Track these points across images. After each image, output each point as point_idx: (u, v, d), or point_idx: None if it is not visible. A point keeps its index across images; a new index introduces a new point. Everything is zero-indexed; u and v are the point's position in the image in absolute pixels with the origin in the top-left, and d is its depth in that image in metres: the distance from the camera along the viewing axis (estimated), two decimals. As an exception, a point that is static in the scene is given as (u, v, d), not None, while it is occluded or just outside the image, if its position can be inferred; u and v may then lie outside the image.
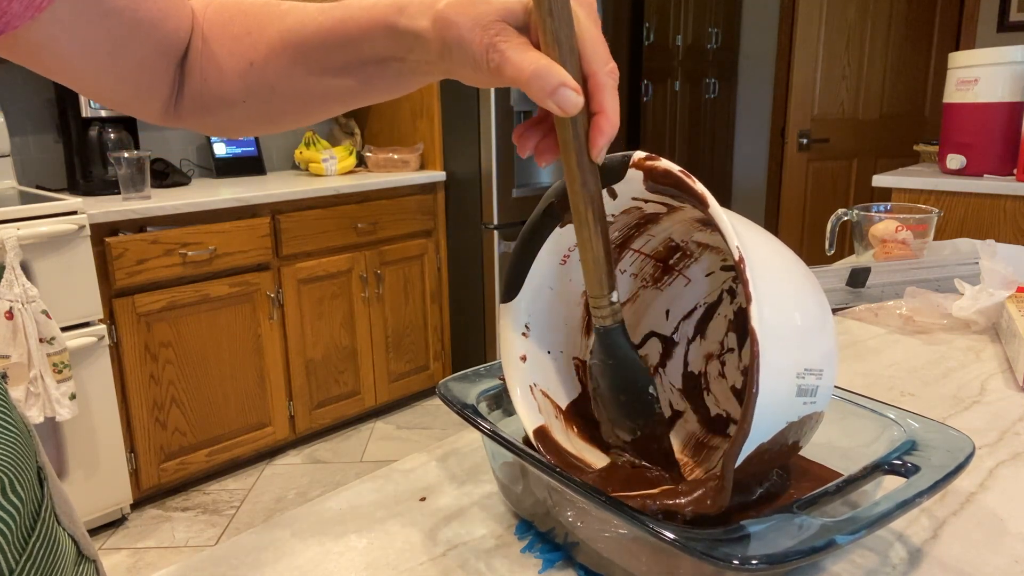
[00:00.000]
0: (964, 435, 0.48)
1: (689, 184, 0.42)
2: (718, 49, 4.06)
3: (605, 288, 0.45)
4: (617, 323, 0.46)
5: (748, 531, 0.38)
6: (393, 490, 0.59)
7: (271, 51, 0.48)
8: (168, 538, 2.08)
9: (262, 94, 0.50)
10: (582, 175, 0.41)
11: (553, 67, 0.38)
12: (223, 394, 2.31)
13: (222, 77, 0.50)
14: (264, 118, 0.52)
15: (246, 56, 0.49)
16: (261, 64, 0.48)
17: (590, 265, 0.44)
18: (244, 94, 0.50)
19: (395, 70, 0.46)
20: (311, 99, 0.49)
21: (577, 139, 0.40)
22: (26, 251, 1.80)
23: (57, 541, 0.42)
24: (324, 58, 0.46)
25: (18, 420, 0.42)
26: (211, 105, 0.52)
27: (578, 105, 0.38)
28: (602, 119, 0.40)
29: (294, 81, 0.48)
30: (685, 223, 0.53)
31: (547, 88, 0.37)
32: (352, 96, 0.49)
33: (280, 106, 0.50)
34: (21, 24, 0.42)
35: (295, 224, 2.39)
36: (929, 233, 1.20)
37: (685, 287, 0.59)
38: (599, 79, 0.40)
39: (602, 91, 0.40)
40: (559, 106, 0.38)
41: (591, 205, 0.42)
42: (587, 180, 0.42)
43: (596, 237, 0.43)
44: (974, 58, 2.12)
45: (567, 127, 0.40)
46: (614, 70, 0.40)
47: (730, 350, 0.58)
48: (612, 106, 0.40)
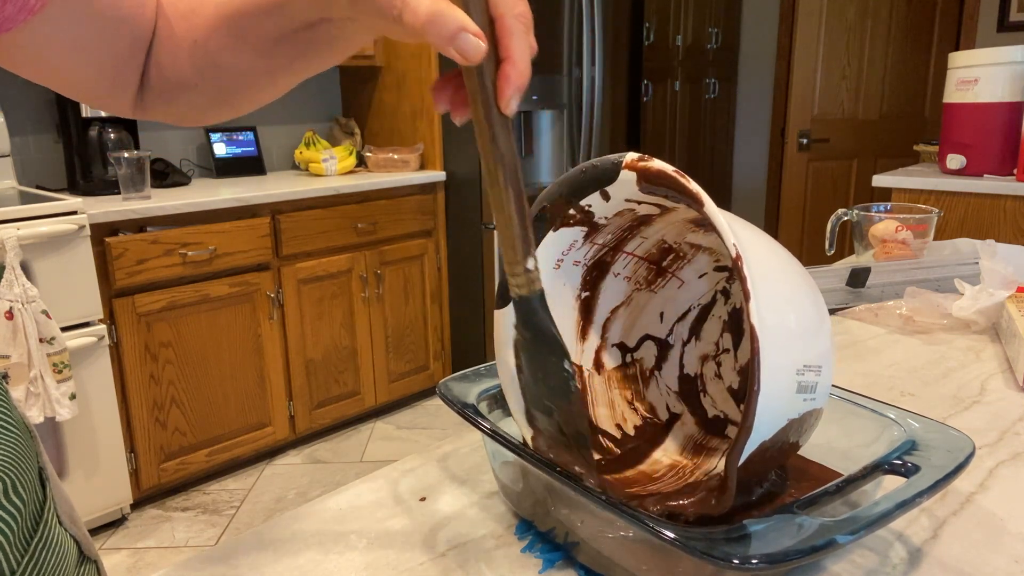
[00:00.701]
0: (964, 435, 0.48)
1: (684, 184, 0.42)
2: (718, 49, 4.06)
3: (519, 253, 0.42)
4: (534, 292, 0.43)
5: (748, 531, 0.38)
6: (393, 490, 0.59)
7: (210, 27, 0.47)
8: (168, 538, 2.08)
9: (210, 73, 0.49)
10: (491, 129, 0.38)
11: (451, 10, 0.35)
12: (223, 394, 2.31)
13: (174, 60, 0.50)
14: (219, 100, 0.51)
15: (190, 35, 0.48)
16: (203, 41, 0.48)
17: (503, 228, 0.41)
18: (195, 76, 0.49)
19: (326, 33, 0.44)
20: (256, 74, 0.48)
21: (484, 90, 0.37)
22: (26, 251, 1.80)
23: (59, 542, 0.42)
24: (256, 28, 0.45)
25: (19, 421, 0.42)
26: (170, 91, 0.51)
27: (480, 51, 0.35)
28: (509, 67, 0.37)
29: (236, 56, 0.47)
30: (678, 224, 0.53)
31: (444, 33, 0.35)
32: (295, 66, 0.48)
33: (230, 84, 0.50)
34: (14, 26, 0.42)
35: (295, 224, 2.39)
36: (929, 233, 1.20)
37: (679, 289, 0.59)
38: (506, 23, 0.37)
39: (509, 36, 0.37)
40: (459, 53, 0.35)
41: (501, 162, 0.39)
42: (497, 134, 0.38)
43: (508, 197, 0.40)
44: (974, 58, 2.12)
45: (473, 77, 0.37)
46: (524, 13, 0.37)
47: (725, 351, 0.58)
48: (520, 53, 0.37)
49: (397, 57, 2.84)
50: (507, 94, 0.37)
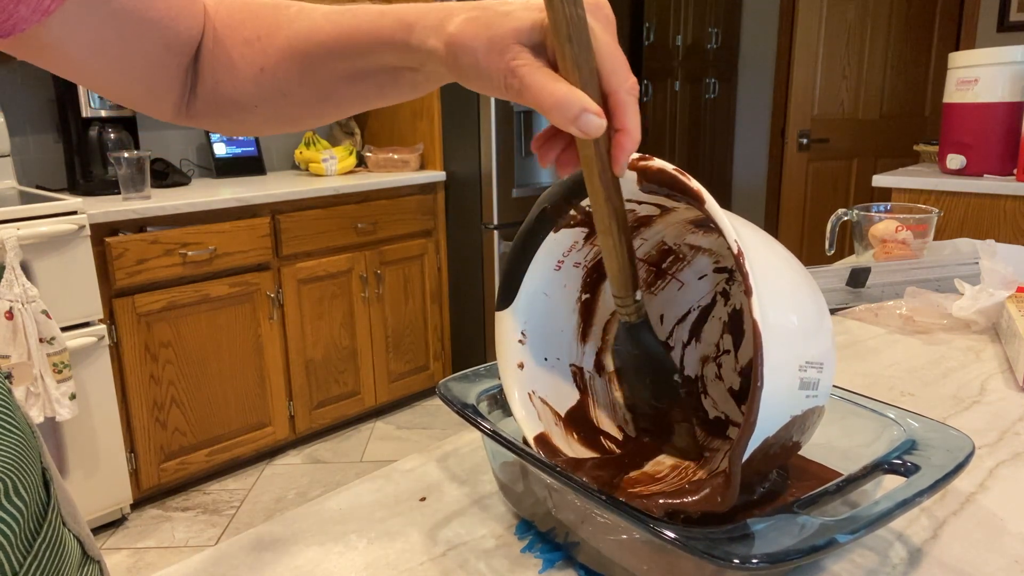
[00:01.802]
0: (964, 435, 0.48)
1: (684, 182, 0.42)
2: (718, 49, 4.06)
3: (630, 289, 0.47)
4: (642, 318, 0.49)
5: (748, 530, 0.38)
6: (393, 490, 0.59)
7: (281, 57, 0.48)
8: (168, 538, 2.08)
9: (274, 99, 0.49)
10: (606, 191, 0.42)
11: (574, 94, 0.37)
12: (223, 394, 2.31)
13: (234, 81, 0.50)
14: (279, 121, 0.52)
15: (256, 62, 0.49)
16: (271, 70, 0.48)
17: (616, 271, 0.46)
18: (256, 99, 0.50)
19: (409, 79, 0.46)
20: (325, 104, 0.49)
21: (600, 157, 0.41)
22: (26, 251, 1.80)
23: (63, 542, 0.42)
24: (333, 67, 0.46)
25: (22, 422, 0.42)
26: (224, 107, 0.52)
27: (601, 128, 0.38)
28: (623, 137, 0.40)
29: (305, 88, 0.48)
30: (678, 225, 0.53)
31: (569, 116, 0.37)
32: (366, 101, 0.49)
33: (294, 111, 0.50)
34: (29, 27, 0.42)
35: (295, 224, 2.39)
36: (929, 233, 1.20)
37: (678, 291, 0.59)
38: (620, 97, 0.39)
39: (623, 109, 0.39)
40: (582, 131, 0.38)
41: (615, 217, 0.43)
42: (611, 195, 0.42)
43: (621, 246, 0.44)
44: (974, 58, 2.12)
45: (589, 146, 0.40)
46: (634, 87, 0.40)
47: (726, 352, 0.58)
48: (633, 123, 0.40)
49: (397, 57, 2.84)
50: (621, 161, 0.40)
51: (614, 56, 0.39)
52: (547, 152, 0.43)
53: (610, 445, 0.55)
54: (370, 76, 0.46)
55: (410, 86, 0.47)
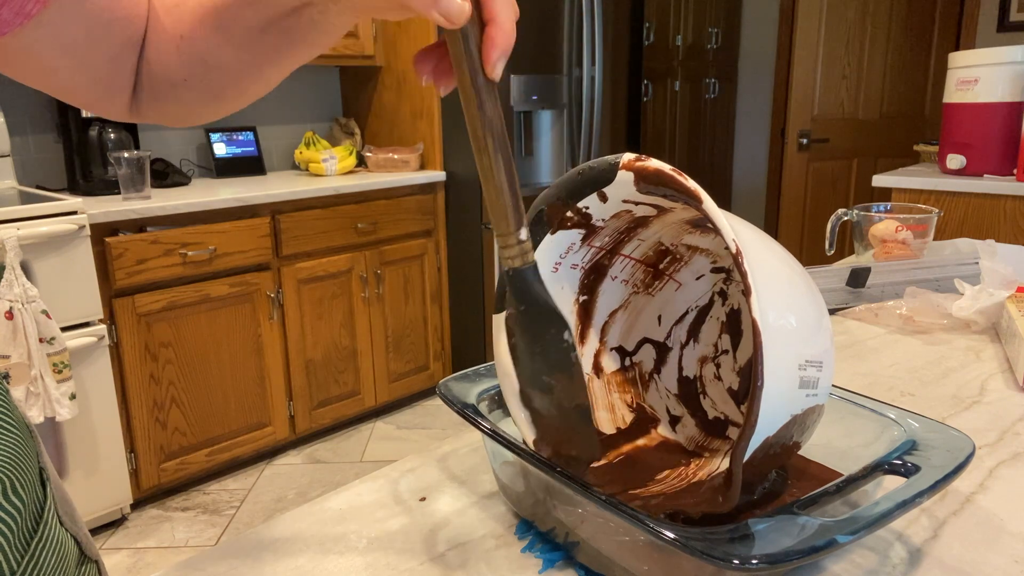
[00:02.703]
0: (964, 435, 0.48)
1: (681, 182, 0.42)
2: (718, 49, 4.06)
3: (512, 224, 0.41)
4: (528, 264, 0.42)
5: (748, 530, 0.38)
6: (393, 490, 0.59)
7: (194, 21, 0.47)
8: (168, 538, 2.08)
9: (198, 69, 0.49)
10: (478, 96, 0.37)
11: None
12: (223, 394, 2.31)
13: (160, 56, 0.49)
14: (209, 96, 0.51)
15: (176, 30, 0.48)
16: (189, 36, 0.47)
17: (493, 197, 0.40)
18: (183, 71, 0.49)
19: (308, 19, 0.44)
20: (243, 68, 0.48)
21: (469, 55, 0.37)
22: (26, 251, 1.80)
23: (60, 542, 0.42)
24: (239, 19, 0.45)
25: (20, 421, 0.42)
26: (159, 89, 0.51)
27: (463, 13, 0.34)
28: (494, 29, 0.36)
29: (221, 50, 0.47)
30: (675, 226, 0.53)
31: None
32: (280, 56, 0.47)
33: (217, 79, 0.49)
34: (9, 31, 0.42)
35: (295, 224, 2.39)
36: (929, 233, 1.20)
37: (676, 292, 0.59)
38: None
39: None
40: (443, 16, 0.34)
41: (489, 128, 0.38)
42: (483, 100, 0.38)
43: (497, 165, 0.39)
44: (974, 58, 2.12)
45: (458, 42, 0.36)
46: None
47: (724, 352, 0.58)
48: (505, 14, 0.36)
49: (397, 57, 2.84)
50: (493, 57, 0.36)
51: None
52: (423, 65, 0.40)
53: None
54: (273, 24, 0.45)
55: (312, 28, 0.45)
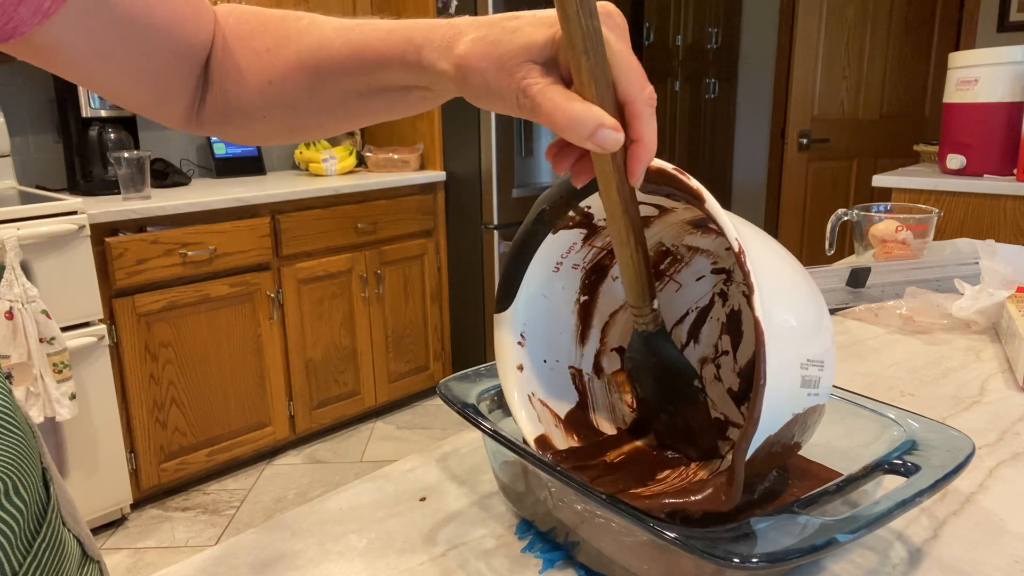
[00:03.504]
0: (964, 435, 0.48)
1: (684, 181, 0.42)
2: (718, 49, 4.06)
3: (647, 299, 0.47)
4: (659, 327, 0.48)
5: (748, 530, 0.38)
6: (393, 490, 0.59)
7: (289, 70, 0.47)
8: (168, 538, 2.08)
9: (282, 112, 0.49)
10: (623, 202, 0.41)
11: (589, 111, 0.36)
12: (223, 394, 2.31)
13: (241, 91, 0.50)
14: (287, 132, 0.52)
15: (264, 74, 0.48)
16: (279, 83, 0.48)
17: (633, 280, 0.46)
18: (263, 110, 0.50)
19: (419, 96, 0.45)
20: (334, 117, 0.49)
21: (617, 169, 0.40)
22: (26, 251, 1.80)
23: (63, 543, 0.42)
24: (343, 83, 0.46)
25: (22, 421, 0.42)
26: (232, 116, 0.52)
27: (618, 144, 0.37)
28: (639, 148, 0.39)
29: (315, 101, 0.48)
30: (676, 226, 0.53)
31: (584, 133, 0.36)
32: (376, 115, 0.48)
33: (301, 122, 0.50)
34: (29, 29, 0.42)
35: (295, 224, 2.39)
36: (929, 233, 1.20)
37: (676, 292, 0.59)
38: (636, 108, 0.38)
39: (639, 120, 0.38)
40: (599, 146, 0.37)
41: (632, 228, 0.43)
42: (628, 206, 0.42)
43: (638, 256, 0.44)
44: (974, 58, 2.12)
45: (606, 160, 0.40)
46: (651, 96, 0.39)
47: (724, 353, 0.58)
48: (649, 134, 0.39)
49: (397, 57, 2.84)
50: (637, 172, 0.40)
51: (630, 66, 0.38)
52: (562, 161, 0.43)
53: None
54: (380, 93, 0.46)
55: (421, 102, 0.46)
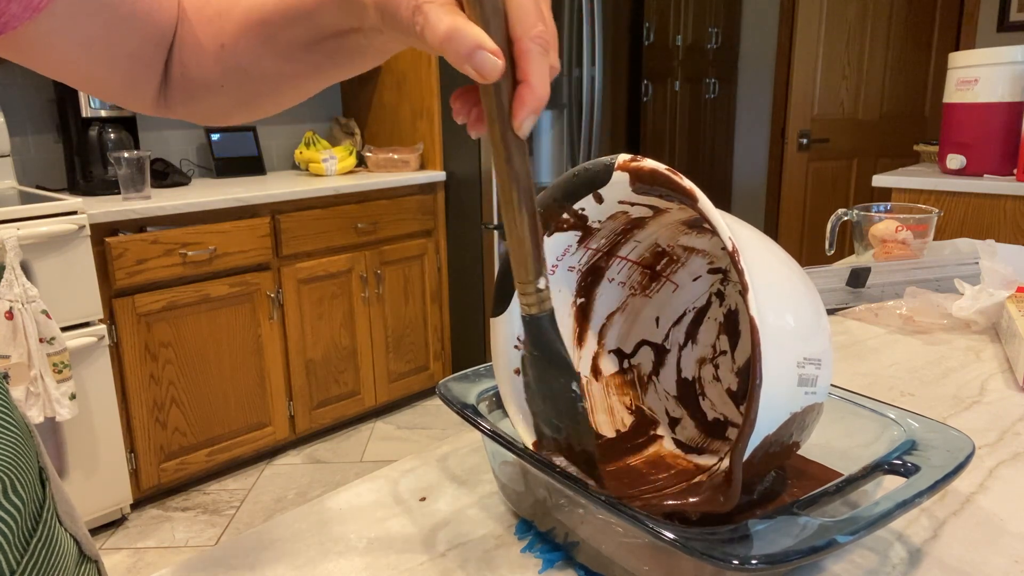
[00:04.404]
0: (964, 435, 0.48)
1: (677, 181, 0.42)
2: (718, 49, 4.06)
3: (531, 273, 0.42)
4: (544, 312, 0.44)
5: (748, 531, 0.38)
6: (393, 490, 0.59)
7: (238, 31, 0.47)
8: (168, 538, 2.08)
9: (236, 77, 0.49)
10: (506, 150, 0.38)
11: (469, 27, 0.34)
12: (223, 394, 2.31)
13: (199, 61, 0.50)
14: (244, 102, 0.52)
15: (217, 38, 0.49)
16: (231, 45, 0.48)
17: (515, 248, 0.41)
18: (221, 77, 0.50)
19: (355, 42, 0.44)
20: (283, 79, 0.49)
21: (501, 110, 0.37)
22: (26, 251, 1.80)
23: (59, 541, 0.42)
24: (286, 34, 0.46)
25: (20, 421, 0.42)
26: (194, 91, 0.52)
27: (496, 69, 0.35)
28: (525, 89, 0.36)
29: (263, 62, 0.47)
30: (671, 226, 0.53)
31: (461, 51, 0.34)
32: (322, 72, 0.48)
33: (256, 88, 0.50)
34: (20, 24, 0.43)
35: (295, 224, 2.39)
36: (929, 233, 1.19)
37: (673, 293, 0.59)
38: (523, 44, 0.36)
39: (526, 57, 0.36)
40: (476, 70, 0.35)
41: (515, 182, 0.39)
42: (511, 155, 0.38)
43: (521, 217, 0.40)
44: (974, 58, 2.12)
45: (490, 96, 0.37)
46: (542, 34, 0.36)
47: (722, 353, 0.58)
48: (538, 75, 0.36)
49: (397, 57, 2.84)
50: (521, 116, 0.37)
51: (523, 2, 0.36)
52: (462, 106, 0.40)
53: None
54: (320, 43, 0.45)
55: (357, 51, 0.45)
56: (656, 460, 0.54)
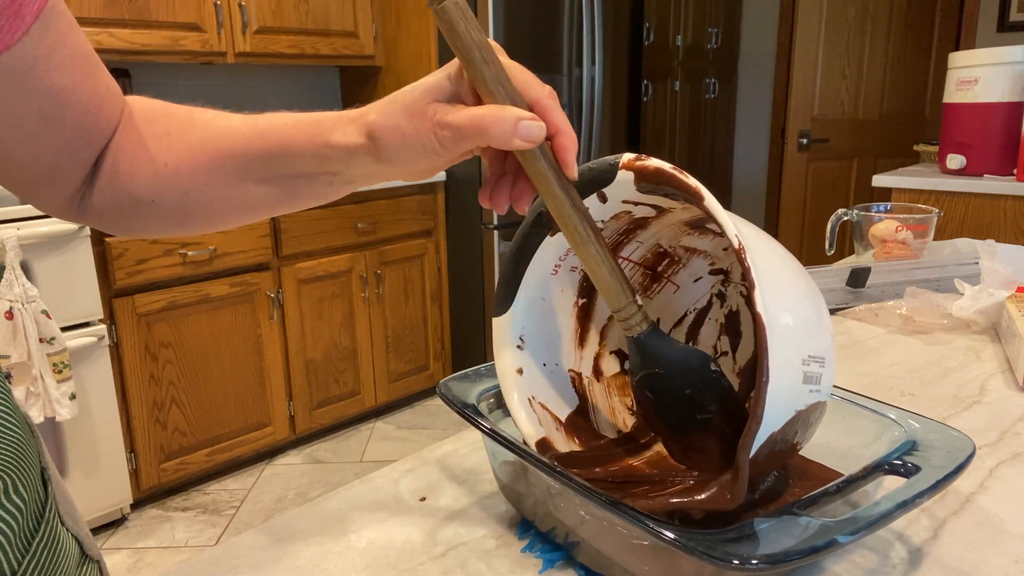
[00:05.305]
0: (964, 435, 0.48)
1: (682, 179, 0.42)
2: (718, 49, 4.06)
3: (628, 296, 0.44)
4: (651, 326, 0.46)
5: (748, 531, 0.38)
6: (393, 490, 0.59)
7: (189, 155, 0.46)
8: (168, 538, 2.08)
9: (173, 195, 0.48)
10: (568, 197, 0.42)
11: (507, 108, 0.39)
12: (223, 394, 2.31)
13: (134, 171, 0.48)
14: (172, 220, 0.50)
15: (161, 156, 0.47)
16: (175, 165, 0.47)
17: (606, 279, 0.44)
18: (155, 192, 0.48)
19: (326, 182, 0.45)
20: (226, 205, 0.48)
21: (550, 166, 0.41)
22: (26, 251, 1.80)
23: (60, 542, 0.42)
24: (244, 169, 0.45)
25: (21, 420, 0.42)
26: (120, 199, 0.49)
27: (543, 129, 0.39)
28: (563, 138, 0.41)
29: (211, 189, 0.47)
30: (673, 227, 0.53)
31: (508, 128, 0.38)
32: (273, 206, 0.48)
33: (191, 210, 0.48)
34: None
35: (295, 224, 2.39)
36: (929, 233, 1.20)
37: (674, 294, 0.59)
38: (543, 103, 0.40)
39: (550, 113, 0.40)
40: (526, 138, 0.39)
41: (586, 221, 0.42)
42: (574, 200, 0.42)
43: (603, 250, 0.43)
44: (974, 58, 2.12)
45: (536, 159, 0.41)
46: (551, 91, 0.41)
47: (723, 354, 0.58)
48: (564, 123, 0.41)
49: (397, 57, 2.84)
50: (569, 160, 0.41)
51: (521, 71, 0.41)
52: (499, 197, 0.44)
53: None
54: (282, 180, 0.45)
55: (325, 189, 0.46)
56: (658, 461, 0.54)
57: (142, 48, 2.21)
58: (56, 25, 0.43)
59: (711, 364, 0.46)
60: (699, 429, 0.47)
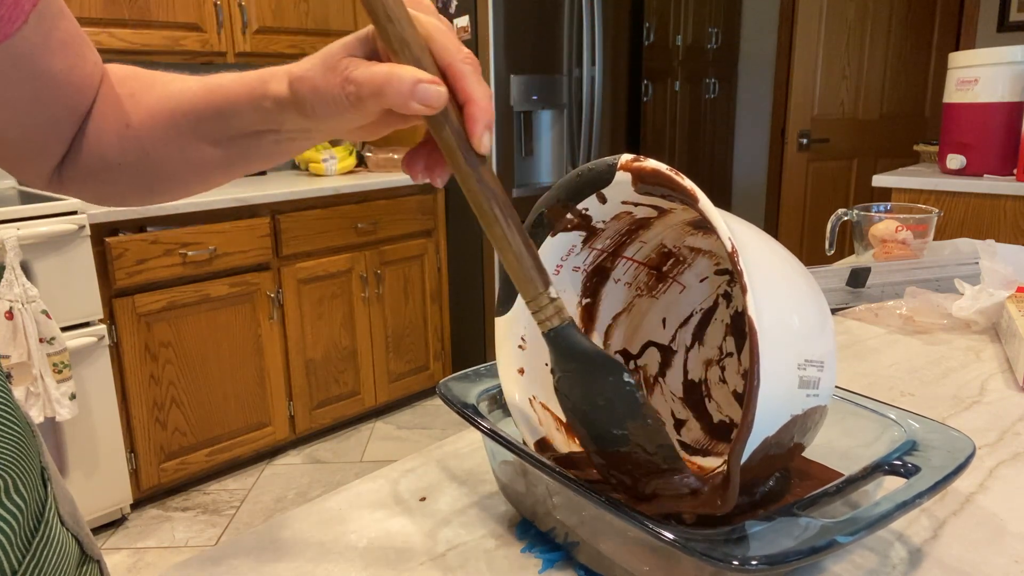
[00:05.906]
0: (964, 435, 0.48)
1: (678, 181, 0.42)
2: (718, 49, 4.06)
3: (539, 285, 0.40)
4: (565, 321, 0.41)
5: (748, 531, 0.38)
6: (393, 490, 0.59)
7: (149, 114, 0.47)
8: (168, 538, 2.08)
9: (135, 157, 0.48)
10: (474, 172, 0.38)
11: (403, 68, 0.36)
12: (223, 394, 2.31)
13: (102, 135, 0.49)
14: (142, 185, 0.51)
15: (123, 117, 0.48)
16: (136, 126, 0.47)
17: (514, 264, 0.40)
18: (119, 155, 0.49)
19: (271, 141, 0.45)
20: (184, 167, 0.48)
21: (457, 135, 0.38)
22: (26, 251, 1.80)
23: (60, 541, 0.42)
24: (198, 127, 0.45)
25: (22, 420, 0.42)
26: (92, 165, 0.50)
27: (441, 96, 0.36)
28: (472, 107, 0.38)
29: (168, 148, 0.47)
30: (676, 227, 0.53)
31: (404, 90, 0.35)
32: (228, 167, 0.48)
33: (153, 171, 0.49)
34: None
35: (295, 224, 2.39)
36: (929, 233, 1.19)
37: (680, 294, 0.58)
38: (456, 68, 0.38)
39: (463, 79, 0.38)
40: (423, 103, 0.36)
41: (494, 199, 0.39)
42: (481, 175, 0.38)
43: (511, 231, 0.39)
44: (974, 58, 2.12)
45: (442, 126, 0.38)
46: (469, 56, 0.38)
47: (729, 355, 0.58)
48: (479, 92, 0.38)
49: (397, 57, 2.84)
50: (477, 132, 0.38)
51: (441, 32, 0.38)
52: (413, 164, 0.42)
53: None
54: (233, 141, 0.45)
55: (273, 147, 0.46)
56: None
57: (142, 48, 2.21)
58: (50, 11, 0.44)
59: (624, 375, 0.42)
60: (620, 444, 0.44)
